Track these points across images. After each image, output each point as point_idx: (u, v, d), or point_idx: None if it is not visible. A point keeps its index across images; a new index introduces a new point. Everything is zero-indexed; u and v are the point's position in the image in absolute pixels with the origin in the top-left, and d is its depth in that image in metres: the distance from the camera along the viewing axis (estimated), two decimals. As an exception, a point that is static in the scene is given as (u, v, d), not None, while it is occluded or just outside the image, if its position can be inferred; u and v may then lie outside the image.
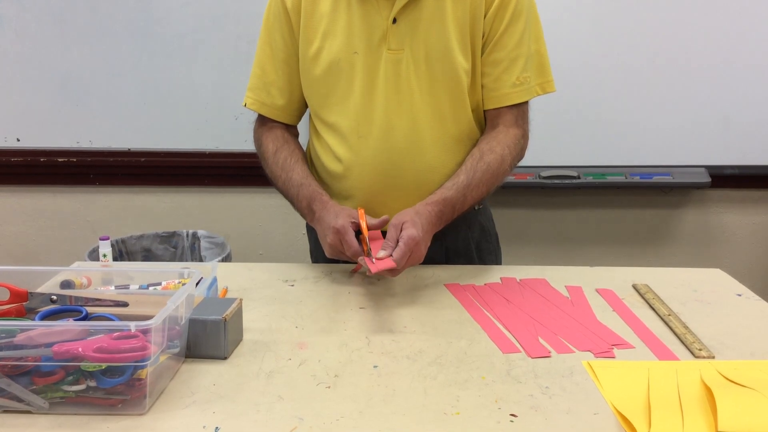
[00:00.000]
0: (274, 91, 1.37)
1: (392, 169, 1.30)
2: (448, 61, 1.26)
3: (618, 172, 2.34)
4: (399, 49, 1.26)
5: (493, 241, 1.49)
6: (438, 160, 1.30)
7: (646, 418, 0.80)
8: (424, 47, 1.26)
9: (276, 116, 1.40)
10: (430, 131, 1.29)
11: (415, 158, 1.30)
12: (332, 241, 1.19)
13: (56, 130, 2.42)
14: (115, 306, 0.96)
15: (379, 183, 1.31)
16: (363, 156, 1.30)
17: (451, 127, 1.31)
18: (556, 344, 1.01)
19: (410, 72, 1.27)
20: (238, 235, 2.48)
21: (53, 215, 2.51)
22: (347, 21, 1.27)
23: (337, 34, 1.28)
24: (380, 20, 1.26)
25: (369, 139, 1.29)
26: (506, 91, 1.31)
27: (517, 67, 1.30)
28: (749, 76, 2.30)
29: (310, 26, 1.30)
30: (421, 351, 0.99)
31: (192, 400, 0.85)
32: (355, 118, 1.29)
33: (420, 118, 1.28)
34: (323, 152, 1.36)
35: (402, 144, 1.29)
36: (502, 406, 0.84)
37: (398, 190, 1.31)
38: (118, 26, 2.33)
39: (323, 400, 0.85)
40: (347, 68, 1.28)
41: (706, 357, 0.97)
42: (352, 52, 1.27)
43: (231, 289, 1.22)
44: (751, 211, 2.51)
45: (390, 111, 1.28)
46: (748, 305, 1.17)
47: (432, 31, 1.25)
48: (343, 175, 1.33)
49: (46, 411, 0.81)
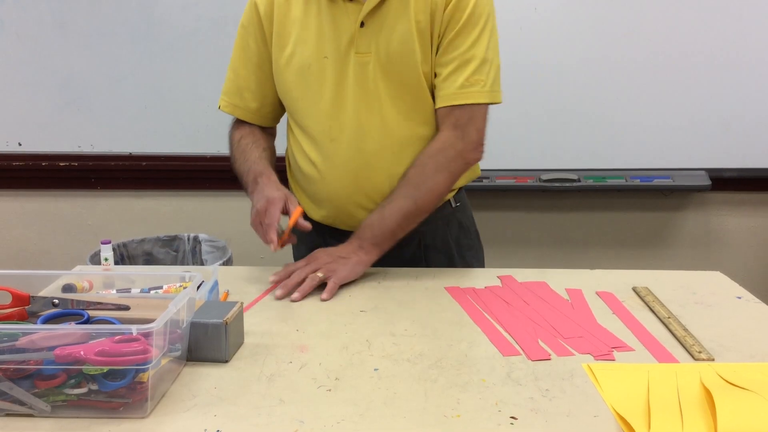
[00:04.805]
0: (247, 95, 1.40)
1: (365, 170, 1.32)
2: (409, 62, 1.27)
3: (618, 175, 2.34)
4: (366, 53, 1.28)
5: (473, 237, 1.50)
6: (409, 160, 1.32)
7: (646, 421, 0.80)
8: (387, 50, 1.27)
9: (249, 119, 1.43)
10: (399, 132, 1.31)
11: (387, 159, 1.31)
12: (260, 207, 1.23)
13: (58, 134, 2.43)
14: (117, 309, 0.96)
15: (352, 185, 1.33)
16: (336, 159, 1.32)
17: (419, 128, 1.32)
18: (556, 347, 1.01)
19: (377, 74, 1.28)
20: (239, 238, 2.48)
21: (55, 219, 2.52)
22: (317, 26, 1.29)
23: (308, 39, 1.30)
24: (348, 24, 1.27)
25: (341, 143, 1.31)
26: (451, 92, 1.29)
27: (468, 69, 1.29)
28: (749, 78, 2.30)
29: (283, 32, 1.32)
30: (421, 354, 0.99)
31: (193, 404, 0.85)
32: (326, 122, 1.31)
33: (389, 119, 1.30)
34: (299, 156, 1.38)
35: (373, 146, 1.30)
36: (503, 409, 0.84)
37: (371, 192, 1.33)
38: (119, 30, 2.34)
39: (324, 403, 0.86)
40: (318, 72, 1.30)
41: (705, 359, 0.97)
42: (322, 56, 1.29)
43: (232, 292, 1.22)
44: (751, 214, 2.51)
45: (360, 113, 1.30)
46: (747, 308, 1.17)
47: (395, 34, 1.27)
48: (317, 178, 1.35)
49: (48, 414, 0.81)
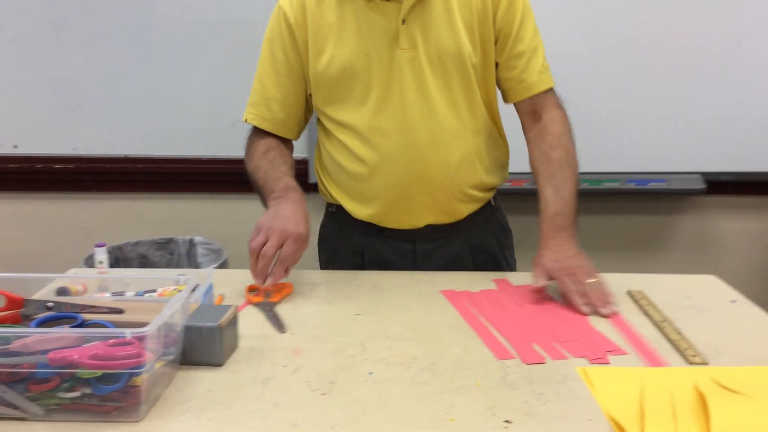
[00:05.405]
0: (275, 106, 1.39)
1: (419, 162, 1.33)
2: (459, 56, 1.31)
3: (613, 179, 2.34)
4: (411, 48, 1.30)
5: (510, 237, 1.54)
6: (460, 150, 1.35)
7: (640, 425, 0.80)
8: (436, 44, 1.30)
9: (276, 130, 1.41)
10: (449, 124, 1.33)
11: (438, 151, 1.33)
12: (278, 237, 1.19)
13: (53, 136, 2.42)
14: (111, 313, 0.96)
15: (406, 179, 1.34)
16: (388, 154, 1.33)
17: (468, 120, 1.35)
18: (551, 350, 1.01)
19: (424, 68, 1.31)
20: (235, 241, 2.46)
21: (50, 222, 2.51)
22: (355, 26, 1.31)
23: (346, 40, 1.31)
24: (389, 22, 1.29)
25: (392, 137, 1.33)
26: (536, 78, 1.37)
27: (539, 56, 1.37)
28: (745, 82, 2.31)
29: (319, 37, 1.33)
30: (415, 358, 0.99)
31: (187, 407, 0.85)
32: (375, 118, 1.33)
33: (438, 111, 1.32)
34: (341, 156, 1.38)
35: (424, 138, 1.32)
36: (497, 413, 0.84)
37: (425, 184, 1.35)
38: (115, 33, 2.33)
39: (318, 407, 0.86)
40: (362, 71, 1.31)
41: (699, 363, 0.97)
42: (364, 55, 1.30)
43: (227, 295, 1.22)
44: (746, 217, 2.51)
45: (409, 107, 1.31)
46: (742, 312, 1.18)
47: (442, 29, 1.30)
48: (368, 175, 1.36)
49: (41, 418, 0.81)
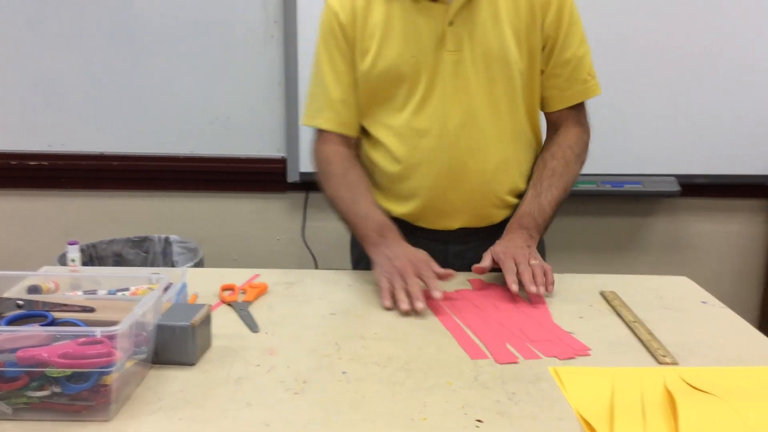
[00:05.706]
0: (341, 107, 1.38)
1: (455, 165, 1.33)
2: (505, 60, 1.31)
3: (590, 181, 2.36)
4: (457, 50, 1.30)
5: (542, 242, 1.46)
6: (498, 156, 1.35)
7: (609, 424, 0.81)
8: (482, 47, 1.30)
9: (347, 131, 1.40)
10: (489, 128, 1.33)
11: (477, 155, 1.33)
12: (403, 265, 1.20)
13: (28, 132, 2.39)
14: (82, 311, 0.95)
15: (442, 181, 1.34)
16: (425, 155, 1.33)
17: (508, 125, 1.35)
18: (524, 350, 1.02)
19: (468, 71, 1.31)
20: (211, 240, 2.47)
21: (24, 219, 2.48)
22: (402, 27, 1.31)
23: (392, 40, 1.31)
24: (436, 24, 1.29)
25: (430, 139, 1.33)
26: (579, 88, 1.39)
27: (586, 63, 1.38)
28: (720, 87, 2.34)
29: (366, 36, 1.33)
30: (390, 357, 0.99)
31: (158, 407, 0.85)
32: (415, 119, 1.33)
33: (479, 116, 1.32)
34: (379, 156, 1.39)
35: (463, 141, 1.32)
36: (469, 412, 0.84)
37: (461, 188, 1.35)
38: (90, 29, 2.31)
39: (291, 406, 0.85)
40: (409, 72, 1.31)
41: (670, 363, 0.98)
42: (410, 56, 1.30)
43: (201, 294, 1.21)
44: (720, 220, 2.55)
45: (449, 110, 1.31)
46: (712, 313, 1.19)
47: (489, 32, 1.30)
48: (404, 175, 1.36)
49: (9, 417, 0.80)
